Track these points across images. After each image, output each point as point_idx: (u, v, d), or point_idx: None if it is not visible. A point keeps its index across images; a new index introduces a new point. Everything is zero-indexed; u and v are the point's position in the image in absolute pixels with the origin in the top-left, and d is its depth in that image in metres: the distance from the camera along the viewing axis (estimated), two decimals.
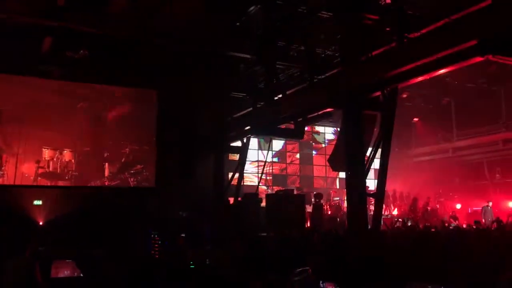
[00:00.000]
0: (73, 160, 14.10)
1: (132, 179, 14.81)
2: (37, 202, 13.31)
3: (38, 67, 13.26)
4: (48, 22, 10.16)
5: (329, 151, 20.71)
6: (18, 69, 13.21)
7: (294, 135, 13.08)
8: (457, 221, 15.31)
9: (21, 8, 9.94)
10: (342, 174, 17.04)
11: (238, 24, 12.13)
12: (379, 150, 8.81)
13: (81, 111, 14.35)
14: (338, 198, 17.42)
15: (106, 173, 14.54)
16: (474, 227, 11.77)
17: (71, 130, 14.17)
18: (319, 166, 21.24)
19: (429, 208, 16.66)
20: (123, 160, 14.77)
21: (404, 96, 16.41)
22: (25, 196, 13.05)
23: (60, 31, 10.82)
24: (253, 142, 17.21)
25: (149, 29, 11.35)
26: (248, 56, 12.65)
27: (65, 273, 9.26)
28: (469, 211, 17.06)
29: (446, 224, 14.02)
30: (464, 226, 13.53)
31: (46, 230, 12.87)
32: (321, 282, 6.39)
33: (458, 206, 17.53)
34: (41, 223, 13.12)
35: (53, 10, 9.72)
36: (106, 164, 14.57)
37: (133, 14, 10.84)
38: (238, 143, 14.55)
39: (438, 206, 17.70)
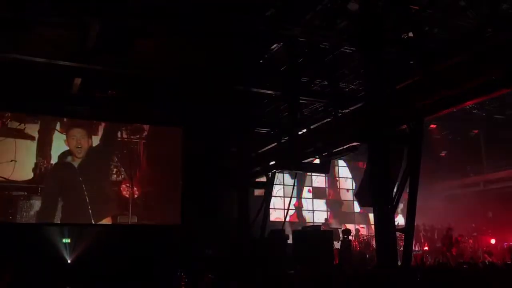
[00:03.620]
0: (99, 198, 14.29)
1: (157, 216, 14.83)
2: (66, 240, 13.44)
3: (67, 107, 13.63)
4: (77, 64, 10.50)
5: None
6: (48, 109, 13.64)
7: (319, 169, 12.98)
8: (492, 257, 14.74)
9: (52, 52, 10.32)
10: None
11: (261, 61, 12.30)
12: (407, 184, 8.64)
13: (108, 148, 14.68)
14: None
15: (132, 210, 14.61)
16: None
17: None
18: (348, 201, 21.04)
19: (461, 244, 16.13)
20: (148, 197, 14.85)
21: (431, 128, 16.22)
22: (53, 234, 13.21)
23: (88, 72, 11.17)
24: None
25: (173, 67, 11.60)
26: (271, 92, 12.76)
27: None
28: (505, 246, 16.43)
29: (480, 261, 13.51)
30: (499, 262, 13.00)
31: (74, 268, 12.95)
32: None
33: (493, 241, 16.92)
34: (69, 261, 13.20)
35: (82, 53, 10.05)
36: (132, 201, 14.66)
37: (158, 54, 11.12)
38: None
39: (471, 241, 17.12)
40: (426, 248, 17.14)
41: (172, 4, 9.04)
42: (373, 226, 12.96)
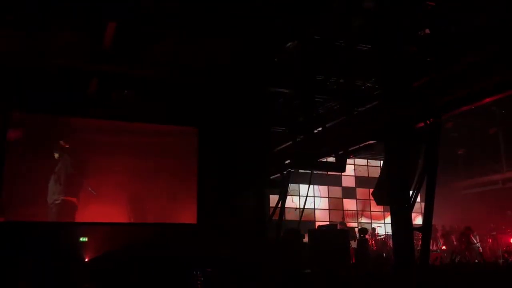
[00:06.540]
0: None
1: (173, 215, 14.89)
2: (83, 239, 13.58)
3: (84, 108, 13.76)
4: (94, 65, 10.60)
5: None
6: (64, 110, 13.80)
7: (335, 168, 12.91)
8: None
9: (70, 53, 10.44)
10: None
11: (276, 59, 12.26)
12: (424, 183, 8.55)
13: (123, 149, 14.76)
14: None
15: (148, 208, 14.69)
16: None
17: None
18: (364, 200, 20.91)
19: (479, 242, 15.92)
20: (164, 196, 14.91)
21: (449, 126, 16.02)
22: (70, 232, 13.36)
23: (105, 73, 11.26)
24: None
25: (189, 68, 11.64)
26: (286, 90, 12.72)
27: None
28: None
29: (500, 260, 13.32)
30: None
31: (91, 267, 13.07)
32: None
33: None
34: (86, 260, 13.33)
35: (99, 54, 10.14)
36: (148, 201, 14.73)
37: (173, 55, 11.17)
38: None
39: (490, 241, 16.88)
40: (444, 247, 16.94)
41: (184, 6, 9.08)
42: (389, 225, 12.88)
